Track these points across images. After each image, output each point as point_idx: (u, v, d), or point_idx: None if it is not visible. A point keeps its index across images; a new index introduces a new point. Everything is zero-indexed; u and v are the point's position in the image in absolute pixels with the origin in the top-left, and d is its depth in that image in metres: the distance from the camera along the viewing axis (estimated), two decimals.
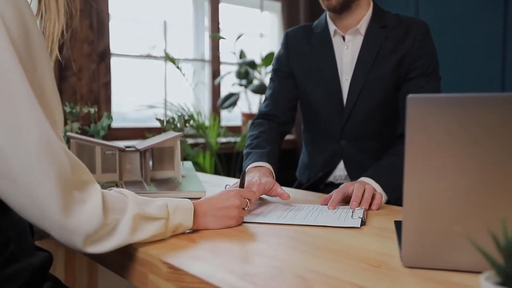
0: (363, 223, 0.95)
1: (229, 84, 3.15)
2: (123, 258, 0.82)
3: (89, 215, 0.69)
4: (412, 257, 0.67)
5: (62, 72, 2.55)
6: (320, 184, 1.53)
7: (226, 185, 1.24)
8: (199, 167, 2.58)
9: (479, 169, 0.60)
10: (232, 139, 2.83)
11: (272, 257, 0.74)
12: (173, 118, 1.50)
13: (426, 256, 0.66)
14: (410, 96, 0.61)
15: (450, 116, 0.60)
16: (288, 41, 1.58)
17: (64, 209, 0.67)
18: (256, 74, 3.06)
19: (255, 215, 1.01)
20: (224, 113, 3.24)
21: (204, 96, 3.23)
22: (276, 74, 1.60)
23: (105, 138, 2.66)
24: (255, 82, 3.02)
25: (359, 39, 1.46)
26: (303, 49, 1.54)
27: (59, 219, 0.67)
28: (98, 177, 1.27)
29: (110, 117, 1.52)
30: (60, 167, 0.67)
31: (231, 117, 3.34)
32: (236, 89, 3.08)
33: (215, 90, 3.21)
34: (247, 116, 3.06)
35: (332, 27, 1.49)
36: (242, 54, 3.06)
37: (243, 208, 0.94)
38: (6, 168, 0.65)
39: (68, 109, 1.46)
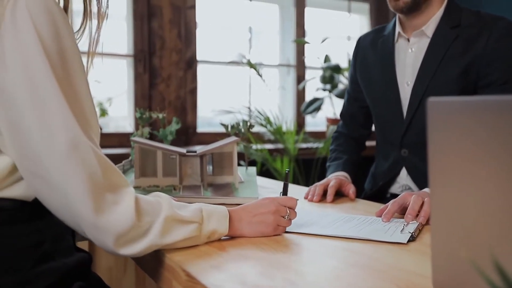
0: (412, 239, 0.87)
1: (314, 89, 3.11)
2: (155, 263, 0.83)
3: (121, 215, 0.71)
4: (442, 280, 0.60)
5: (151, 79, 2.68)
6: (384, 194, 1.44)
7: (280, 192, 1.21)
8: (277, 173, 2.57)
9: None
10: (314, 145, 2.77)
11: (293, 270, 0.70)
12: (238, 123, 1.51)
13: (458, 280, 0.58)
14: (430, 99, 0.54)
15: (476, 122, 0.52)
16: (357, 47, 1.57)
17: (95, 209, 0.69)
18: (341, 78, 2.98)
19: (299, 225, 0.97)
20: (309, 119, 3.20)
21: (289, 101, 3.22)
22: (348, 81, 1.64)
23: (190, 142, 2.78)
24: (340, 87, 2.94)
25: (425, 41, 1.36)
26: (368, 54, 1.50)
27: (91, 219, 0.69)
28: (159, 180, 1.30)
29: (178, 122, 1.56)
30: (89, 170, 0.70)
31: (317, 122, 3.29)
32: (320, 94, 3.03)
33: (300, 95, 3.18)
34: (331, 121, 2.99)
35: (397, 29, 1.41)
36: (326, 58, 3.00)
37: (283, 217, 0.91)
38: (42, 169, 0.69)
39: (138, 115, 1.52)
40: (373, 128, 1.60)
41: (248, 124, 1.51)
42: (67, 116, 0.70)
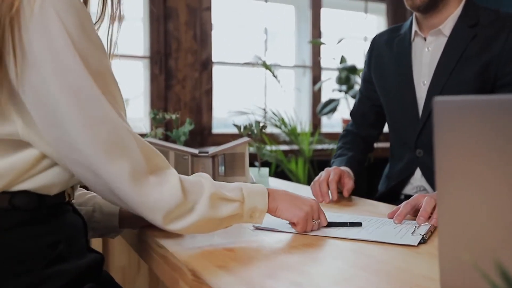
0: (423, 241, 0.85)
1: (330, 90, 3.09)
2: (163, 262, 0.83)
3: (168, 194, 0.74)
4: (450, 283, 0.58)
5: (167, 81, 2.70)
6: (397, 195, 1.42)
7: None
8: (292, 174, 2.56)
9: None
10: (329, 146, 2.76)
11: (300, 272, 0.69)
12: (250, 124, 1.50)
13: (466, 283, 0.57)
14: (436, 98, 0.53)
15: (485, 122, 0.51)
16: (372, 46, 1.55)
17: (140, 194, 0.72)
18: (357, 79, 2.95)
19: None
20: (325, 120, 3.18)
21: (305, 102, 3.21)
22: (362, 83, 1.61)
23: (205, 143, 2.79)
24: (356, 88, 2.91)
25: (442, 40, 1.34)
26: (384, 53, 1.48)
27: (137, 202, 0.73)
28: None
29: (191, 123, 1.57)
30: (131, 158, 0.72)
31: (333, 123, 3.27)
32: (336, 95, 3.01)
33: (316, 96, 3.17)
34: (347, 122, 2.96)
35: (414, 27, 1.39)
36: (342, 59, 2.98)
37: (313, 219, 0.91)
38: (84, 159, 0.71)
39: (152, 115, 1.53)
40: (385, 129, 1.58)
41: (261, 125, 1.51)
42: (105, 107, 0.71)
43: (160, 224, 0.75)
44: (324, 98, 3.12)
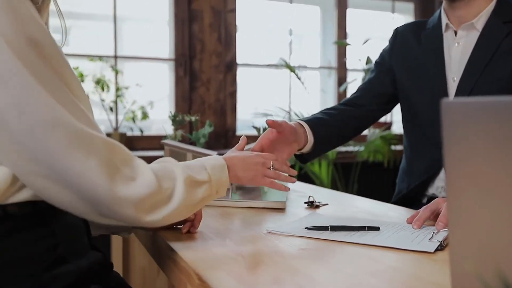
0: (441, 248, 0.82)
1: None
2: (172, 265, 0.82)
3: (144, 184, 0.72)
4: None
5: (192, 83, 2.71)
6: (420, 196, 1.37)
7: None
8: (315, 177, 2.53)
9: None
10: (354, 148, 2.72)
11: (308, 278, 0.67)
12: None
13: None
14: (444, 100, 0.50)
15: (496, 124, 0.48)
16: (395, 37, 1.48)
17: (115, 189, 0.69)
18: None
19: (323, 230, 0.94)
20: None
21: (330, 104, 3.17)
22: (375, 67, 1.51)
23: (229, 145, 2.79)
24: None
25: (474, 35, 1.29)
26: (410, 45, 1.42)
27: (111, 199, 0.69)
28: None
29: (211, 125, 1.56)
30: (98, 155, 0.69)
31: None
32: None
33: (341, 97, 3.13)
34: (375, 125, 2.92)
35: (444, 20, 1.34)
36: (368, 60, 2.93)
37: (269, 168, 0.95)
38: (45, 170, 0.67)
39: (171, 117, 1.54)
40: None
41: None
42: (55, 110, 0.67)
43: (135, 216, 0.71)
44: None
